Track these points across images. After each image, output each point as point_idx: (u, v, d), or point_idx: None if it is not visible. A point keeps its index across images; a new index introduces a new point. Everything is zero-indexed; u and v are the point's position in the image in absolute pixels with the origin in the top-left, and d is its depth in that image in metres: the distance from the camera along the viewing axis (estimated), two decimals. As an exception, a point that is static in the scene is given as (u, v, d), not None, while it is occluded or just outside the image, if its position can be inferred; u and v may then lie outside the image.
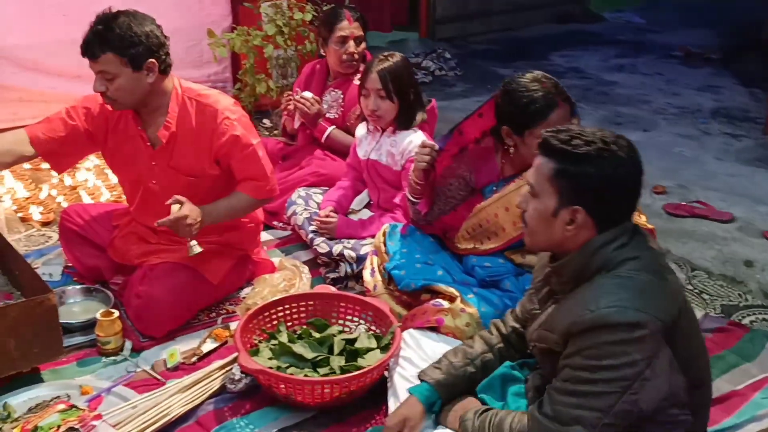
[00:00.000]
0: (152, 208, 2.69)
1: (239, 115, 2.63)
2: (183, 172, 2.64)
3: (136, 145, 2.65)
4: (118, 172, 2.81)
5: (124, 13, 2.45)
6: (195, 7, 4.81)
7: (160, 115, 2.59)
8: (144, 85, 2.49)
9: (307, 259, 3.13)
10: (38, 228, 3.48)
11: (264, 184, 2.68)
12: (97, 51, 2.41)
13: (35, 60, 4.52)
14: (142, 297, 2.58)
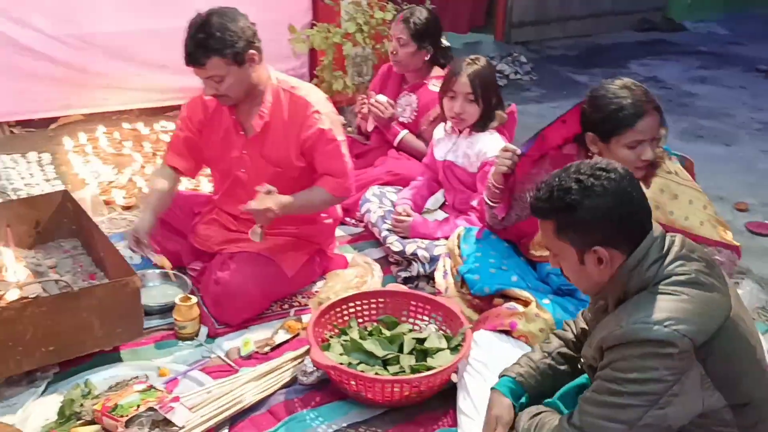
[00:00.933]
0: (238, 196, 2.77)
1: (329, 111, 2.68)
2: (271, 161, 2.70)
3: (230, 134, 2.73)
4: (209, 159, 2.88)
5: (214, 13, 2.51)
6: (276, 3, 4.88)
7: (256, 104, 2.66)
8: (249, 77, 2.58)
9: (378, 257, 3.16)
10: (120, 212, 3.59)
11: (343, 181, 2.72)
12: (203, 59, 2.48)
13: (124, 48, 4.65)
14: (220, 284, 2.64)
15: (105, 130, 4.56)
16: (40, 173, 3.96)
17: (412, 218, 3.03)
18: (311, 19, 5.06)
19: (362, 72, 4.89)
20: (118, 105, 4.83)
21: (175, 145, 2.87)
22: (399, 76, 3.67)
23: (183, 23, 4.64)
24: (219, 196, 2.90)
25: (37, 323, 2.24)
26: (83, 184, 3.83)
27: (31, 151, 4.23)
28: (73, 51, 4.53)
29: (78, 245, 2.99)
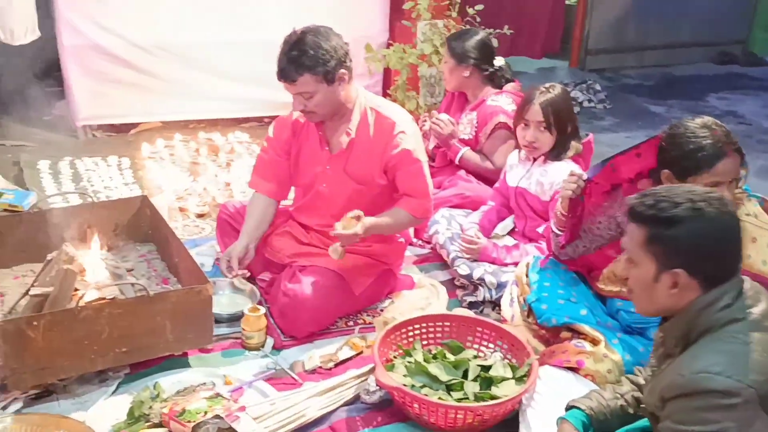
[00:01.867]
0: (316, 209, 2.82)
1: (414, 131, 2.71)
2: (354, 178, 2.74)
3: (316, 149, 2.78)
4: (293, 174, 2.92)
5: (309, 32, 2.56)
6: (354, 22, 4.93)
7: (343, 122, 2.71)
8: (338, 96, 2.62)
9: (444, 280, 3.15)
10: (193, 219, 3.67)
11: (424, 202, 2.74)
12: (294, 75, 2.54)
13: (204, 59, 4.78)
14: (289, 296, 2.68)
15: (182, 138, 4.69)
16: (119, 177, 4.10)
17: (483, 242, 3.01)
18: (387, 39, 5.12)
19: (434, 93, 4.91)
20: (195, 114, 4.96)
21: (260, 168, 2.93)
22: (463, 98, 3.70)
23: (261, 37, 4.80)
24: (296, 208, 2.95)
25: (113, 324, 2.31)
26: (159, 189, 3.94)
27: (112, 155, 4.37)
28: (155, 59, 4.69)
29: (153, 250, 3.07)
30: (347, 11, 4.89)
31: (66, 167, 4.17)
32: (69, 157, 4.31)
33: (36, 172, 4.06)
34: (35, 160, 4.21)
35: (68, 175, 4.07)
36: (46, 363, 2.25)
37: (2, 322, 2.19)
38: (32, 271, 2.84)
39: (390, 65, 4.68)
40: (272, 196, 2.90)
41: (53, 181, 3.98)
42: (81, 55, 4.51)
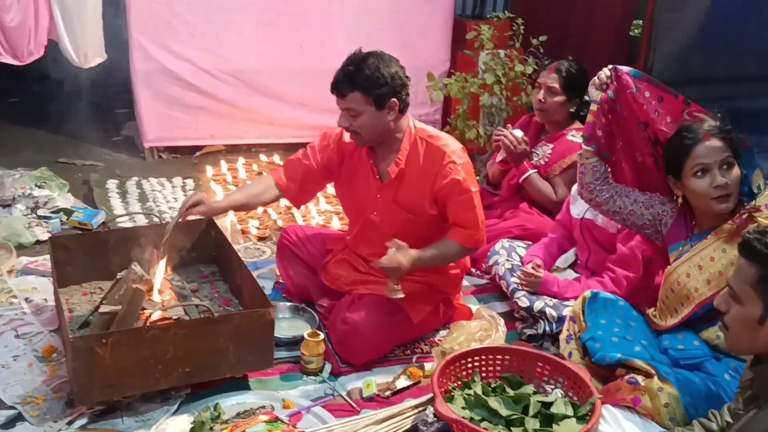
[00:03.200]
0: (369, 239, 2.83)
1: (464, 161, 2.71)
2: (404, 207, 2.75)
3: (366, 178, 2.79)
4: (344, 201, 2.97)
5: (373, 55, 2.60)
6: (418, 50, 5.00)
7: (393, 151, 2.72)
8: (384, 123, 2.63)
9: (503, 311, 3.12)
10: (254, 242, 3.73)
11: (474, 233, 2.72)
12: (346, 90, 2.57)
13: (267, 85, 4.90)
14: (348, 323, 2.69)
15: (244, 161, 4.78)
16: (183, 198, 4.18)
17: (543, 274, 2.98)
18: (449, 67, 5.15)
19: (494, 122, 4.91)
20: (257, 138, 5.06)
21: (290, 167, 2.94)
22: (538, 127, 3.66)
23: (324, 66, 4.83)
24: (350, 238, 2.97)
25: (178, 344, 2.35)
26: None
27: (177, 176, 4.48)
28: (221, 84, 4.81)
29: (216, 271, 3.13)
30: (412, 40, 4.96)
31: (133, 187, 4.29)
32: (136, 177, 4.44)
33: (105, 191, 4.18)
34: (104, 180, 4.34)
35: (135, 194, 4.19)
36: (112, 380, 2.30)
37: (73, 338, 2.25)
38: (100, 289, 2.93)
39: (451, 94, 4.69)
40: (284, 191, 2.91)
41: (121, 200, 4.10)
42: (151, 79, 4.66)
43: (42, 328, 2.80)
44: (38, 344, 2.70)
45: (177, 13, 4.56)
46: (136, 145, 4.96)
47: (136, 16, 4.51)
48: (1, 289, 3.05)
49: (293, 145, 5.06)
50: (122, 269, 2.74)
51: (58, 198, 3.85)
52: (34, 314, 2.89)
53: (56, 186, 4.00)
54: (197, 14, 4.61)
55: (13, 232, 3.46)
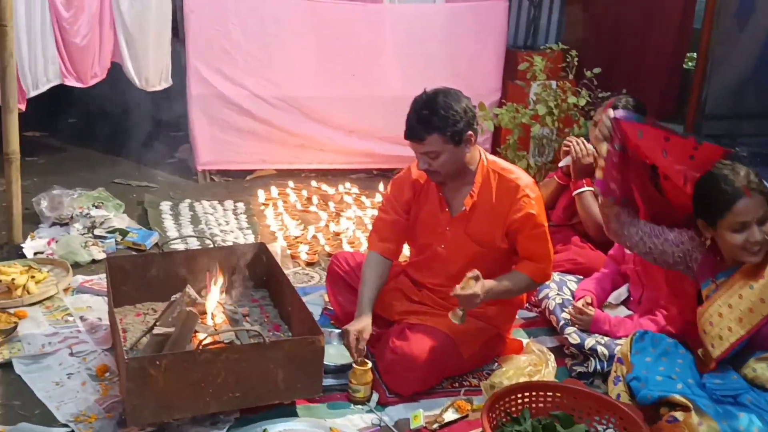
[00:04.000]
0: (432, 269, 2.83)
1: (537, 195, 2.70)
2: (475, 240, 2.74)
3: (434, 210, 2.80)
4: (412, 232, 2.95)
5: (440, 93, 2.60)
6: (469, 80, 5.00)
7: (465, 183, 2.73)
8: (464, 156, 2.65)
9: (552, 346, 3.08)
10: (303, 267, 3.76)
11: (544, 267, 2.71)
12: (423, 134, 2.58)
13: (319, 111, 4.96)
14: (397, 353, 2.68)
15: (294, 186, 4.83)
16: (234, 221, 4.25)
17: (594, 312, 2.94)
18: (500, 98, 5.15)
19: (544, 153, 4.89)
20: (307, 163, 5.12)
21: (380, 229, 2.93)
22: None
23: (375, 94, 4.91)
24: (410, 263, 2.97)
25: (229, 369, 2.37)
26: (272, 236, 4.06)
27: (228, 200, 4.55)
28: (274, 110, 4.89)
29: (266, 296, 3.15)
30: (463, 70, 5.00)
31: (186, 209, 4.36)
32: (189, 199, 4.52)
33: (158, 213, 4.26)
34: (158, 201, 4.43)
35: (187, 216, 4.26)
36: (164, 402, 2.32)
37: (128, 359, 2.29)
38: (153, 310, 2.98)
39: (502, 124, 4.70)
40: (389, 257, 2.90)
41: (174, 222, 4.17)
42: (206, 103, 4.76)
43: (96, 347, 2.85)
44: (92, 363, 2.75)
45: (234, 41, 4.66)
46: (189, 167, 5.05)
47: (194, 43, 4.63)
48: (58, 306, 3.12)
49: (342, 171, 5.13)
50: (175, 291, 2.80)
51: (114, 218, 3.94)
52: (88, 333, 2.95)
53: (112, 206, 4.09)
54: (253, 42, 4.70)
55: (70, 251, 3.54)
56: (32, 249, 3.58)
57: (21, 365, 2.70)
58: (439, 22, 4.97)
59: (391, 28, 4.88)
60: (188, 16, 4.58)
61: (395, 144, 5.01)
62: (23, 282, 3.11)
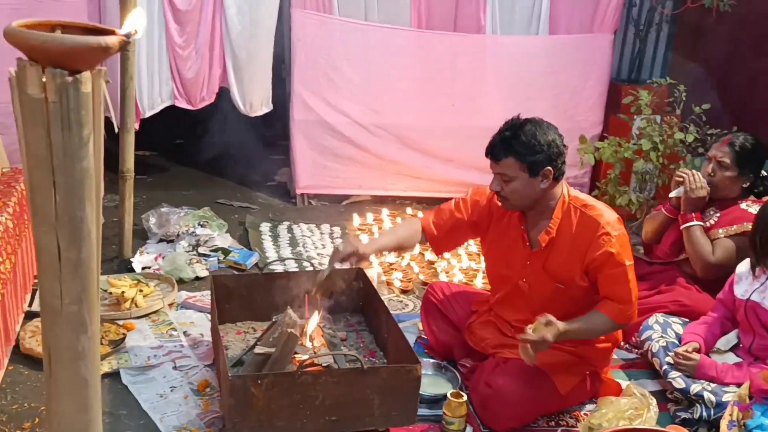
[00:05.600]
0: (515, 305, 2.79)
1: (620, 233, 2.62)
2: (553, 277, 2.69)
3: (515, 243, 2.76)
4: (490, 262, 2.94)
5: (531, 121, 2.59)
6: (570, 112, 4.96)
7: (544, 218, 2.68)
8: (536, 190, 2.60)
9: (654, 390, 2.97)
10: (397, 294, 3.77)
11: (626, 308, 2.62)
12: (501, 155, 2.58)
13: (417, 140, 4.99)
14: (492, 387, 2.64)
15: (389, 212, 4.87)
16: (330, 245, 4.31)
17: (699, 359, 2.81)
18: (601, 131, 5.06)
19: (645, 188, 4.76)
20: (403, 191, 5.16)
21: (440, 215, 2.92)
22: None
23: (474, 124, 4.92)
24: (495, 300, 2.93)
25: (327, 392, 2.40)
26: (368, 263, 4.08)
27: (325, 223, 4.63)
28: (373, 137, 4.95)
29: (362, 321, 3.18)
30: (565, 101, 4.96)
31: (284, 231, 4.46)
32: (287, 221, 4.62)
33: (258, 234, 4.37)
34: (258, 222, 4.55)
35: (286, 238, 4.35)
36: (263, 420, 2.37)
37: (232, 377, 2.35)
38: (253, 329, 3.05)
39: (603, 158, 4.60)
40: (429, 237, 2.89)
41: (273, 243, 4.27)
42: (308, 128, 4.87)
43: (198, 362, 2.93)
44: (194, 377, 2.83)
45: (337, 68, 4.76)
46: (288, 190, 5.17)
47: (300, 69, 4.75)
48: (163, 320, 3.24)
49: (438, 199, 5.08)
50: (275, 312, 2.85)
51: (218, 237, 4.06)
52: (191, 347, 3.04)
53: (216, 226, 4.23)
54: (356, 70, 4.79)
55: (176, 267, 3.67)
56: (140, 264, 3.74)
57: (128, 376, 2.81)
58: (542, 54, 4.94)
59: (493, 58, 4.88)
60: (295, 44, 4.72)
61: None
62: (132, 295, 3.25)
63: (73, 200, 1.30)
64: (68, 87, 1.20)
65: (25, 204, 3.20)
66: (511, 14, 4.90)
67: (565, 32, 4.95)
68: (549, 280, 2.71)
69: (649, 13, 5.14)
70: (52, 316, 1.40)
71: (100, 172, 1.33)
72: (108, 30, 1.22)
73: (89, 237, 1.33)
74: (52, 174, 1.26)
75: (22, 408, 2.61)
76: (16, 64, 1.20)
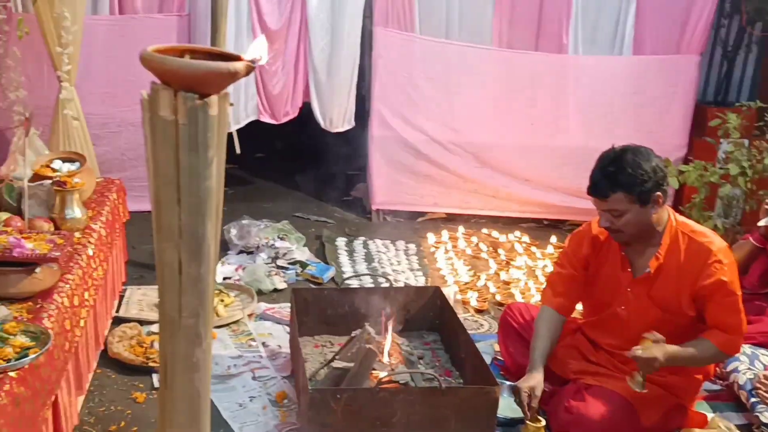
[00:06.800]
0: (610, 330, 2.73)
1: (730, 261, 2.55)
2: (658, 305, 2.62)
3: (615, 269, 2.70)
4: (589, 289, 2.87)
5: (629, 150, 2.52)
6: (654, 134, 4.84)
7: (651, 245, 2.62)
8: (648, 218, 2.55)
9: (740, 423, 2.86)
10: (473, 313, 3.75)
11: (736, 339, 2.54)
12: (608, 191, 2.51)
13: (495, 158, 4.97)
14: (572, 413, 2.59)
15: (464, 231, 4.85)
16: (405, 261, 4.32)
17: (789, 391, 2.71)
18: (685, 154, 4.94)
19: (731, 214, 4.61)
20: (479, 209, 5.13)
21: (555, 283, 2.87)
22: None
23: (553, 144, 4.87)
24: (587, 322, 2.88)
25: (404, 410, 2.40)
26: (442, 279, 4.09)
27: (400, 240, 4.65)
28: (450, 155, 4.96)
29: (438, 339, 3.18)
30: (648, 124, 4.87)
31: (360, 246, 4.50)
32: (363, 237, 4.66)
33: (334, 248, 4.42)
34: (334, 237, 4.60)
35: (362, 254, 4.39)
36: (340, 435, 2.39)
37: (312, 390, 2.38)
38: (330, 342, 3.09)
39: (687, 182, 4.47)
40: (563, 313, 2.83)
41: (348, 258, 4.31)
42: (386, 145, 4.92)
43: (276, 374, 2.98)
44: (272, 388, 2.88)
45: (418, 87, 4.80)
46: (363, 205, 5.22)
47: (380, 86, 4.81)
48: (243, 331, 3.31)
49: (513, 219, 5.09)
50: (353, 327, 2.88)
51: (296, 251, 4.13)
52: (269, 359, 3.09)
53: (295, 239, 4.30)
54: (436, 88, 4.82)
55: (255, 279, 3.75)
56: (222, 274, 3.83)
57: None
58: (626, 75, 4.86)
59: (575, 78, 4.83)
60: (376, 62, 4.78)
61: (569, 195, 4.94)
62: (214, 305, 3.33)
63: (196, 218, 1.35)
64: (197, 110, 1.26)
65: (118, 213, 3.34)
66: (594, 34, 4.85)
67: (650, 52, 4.86)
68: (653, 307, 2.64)
69: (737, 35, 5.01)
70: (170, 328, 1.44)
71: (221, 191, 1.38)
72: (233, 55, 1.27)
73: (208, 253, 1.38)
74: (178, 192, 1.31)
75: (108, 411, 2.70)
76: (150, 87, 1.26)
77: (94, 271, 2.77)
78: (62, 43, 3.81)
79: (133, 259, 3.88)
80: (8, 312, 2.23)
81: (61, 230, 2.73)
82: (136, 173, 4.55)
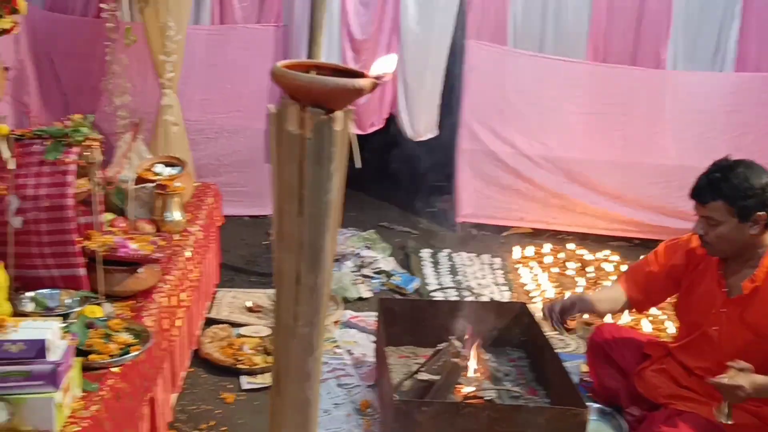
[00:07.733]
0: (700, 352, 2.64)
1: None
2: (751, 328, 2.52)
3: (710, 287, 2.62)
4: (681, 307, 2.80)
5: (742, 163, 2.45)
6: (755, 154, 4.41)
7: (749, 266, 2.53)
8: (745, 236, 2.46)
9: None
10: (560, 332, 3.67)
11: None
12: (708, 197, 2.46)
13: (585, 174, 4.88)
14: (667, 440, 2.51)
15: (551, 247, 4.78)
16: (490, 275, 4.29)
17: None
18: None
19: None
20: (566, 225, 5.05)
21: (636, 271, 2.86)
22: None
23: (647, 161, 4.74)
24: (679, 345, 2.79)
25: (489, 426, 2.38)
26: (527, 295, 4.04)
27: (485, 254, 4.62)
28: (538, 170, 4.90)
29: (523, 356, 3.14)
30: (748, 143, 4.69)
31: (444, 258, 4.49)
32: (448, 249, 4.65)
33: (419, 259, 4.43)
34: (419, 248, 4.62)
35: (446, 266, 4.38)
36: (424, 448, 2.39)
37: (398, 401, 2.39)
38: (415, 354, 3.09)
39: None
40: (632, 303, 2.82)
41: (433, 269, 4.31)
42: (474, 158, 4.91)
43: (360, 382, 3.01)
44: (356, 396, 2.90)
45: (509, 101, 4.78)
46: (448, 218, 5.21)
47: (470, 99, 4.80)
48: (328, 338, 3.36)
49: (602, 236, 4.98)
50: (438, 339, 2.87)
51: (382, 260, 4.16)
52: (354, 367, 3.12)
53: (380, 248, 4.33)
54: (527, 101, 4.78)
55: (341, 286, 3.80)
56: (308, 280, 3.88)
57: (311, 390, 2.92)
58: (725, 92, 4.70)
59: (672, 95, 4.70)
60: (467, 74, 4.78)
61: (662, 214, 4.80)
62: (301, 310, 3.38)
63: (317, 230, 1.38)
64: (323, 125, 1.29)
65: (213, 217, 3.45)
66: (694, 50, 4.71)
67: (753, 69, 4.68)
68: (745, 330, 2.55)
69: None
70: (285, 336, 1.47)
71: (340, 204, 1.41)
72: (357, 72, 1.30)
73: (326, 264, 1.41)
74: (300, 204, 1.35)
75: (199, 409, 2.79)
76: (279, 101, 1.31)
77: (190, 273, 2.87)
78: (166, 51, 3.97)
79: (225, 262, 3.99)
80: (112, 309, 2.33)
81: (162, 232, 2.84)
82: (230, 178, 4.69)
